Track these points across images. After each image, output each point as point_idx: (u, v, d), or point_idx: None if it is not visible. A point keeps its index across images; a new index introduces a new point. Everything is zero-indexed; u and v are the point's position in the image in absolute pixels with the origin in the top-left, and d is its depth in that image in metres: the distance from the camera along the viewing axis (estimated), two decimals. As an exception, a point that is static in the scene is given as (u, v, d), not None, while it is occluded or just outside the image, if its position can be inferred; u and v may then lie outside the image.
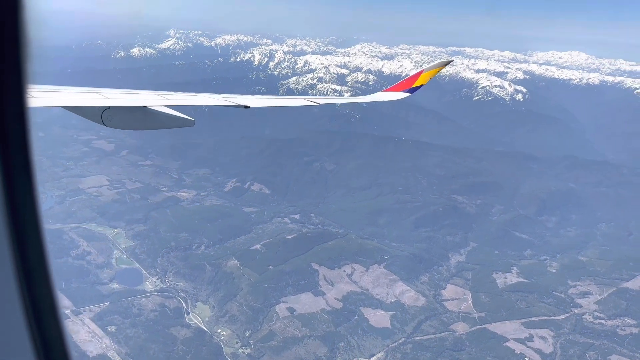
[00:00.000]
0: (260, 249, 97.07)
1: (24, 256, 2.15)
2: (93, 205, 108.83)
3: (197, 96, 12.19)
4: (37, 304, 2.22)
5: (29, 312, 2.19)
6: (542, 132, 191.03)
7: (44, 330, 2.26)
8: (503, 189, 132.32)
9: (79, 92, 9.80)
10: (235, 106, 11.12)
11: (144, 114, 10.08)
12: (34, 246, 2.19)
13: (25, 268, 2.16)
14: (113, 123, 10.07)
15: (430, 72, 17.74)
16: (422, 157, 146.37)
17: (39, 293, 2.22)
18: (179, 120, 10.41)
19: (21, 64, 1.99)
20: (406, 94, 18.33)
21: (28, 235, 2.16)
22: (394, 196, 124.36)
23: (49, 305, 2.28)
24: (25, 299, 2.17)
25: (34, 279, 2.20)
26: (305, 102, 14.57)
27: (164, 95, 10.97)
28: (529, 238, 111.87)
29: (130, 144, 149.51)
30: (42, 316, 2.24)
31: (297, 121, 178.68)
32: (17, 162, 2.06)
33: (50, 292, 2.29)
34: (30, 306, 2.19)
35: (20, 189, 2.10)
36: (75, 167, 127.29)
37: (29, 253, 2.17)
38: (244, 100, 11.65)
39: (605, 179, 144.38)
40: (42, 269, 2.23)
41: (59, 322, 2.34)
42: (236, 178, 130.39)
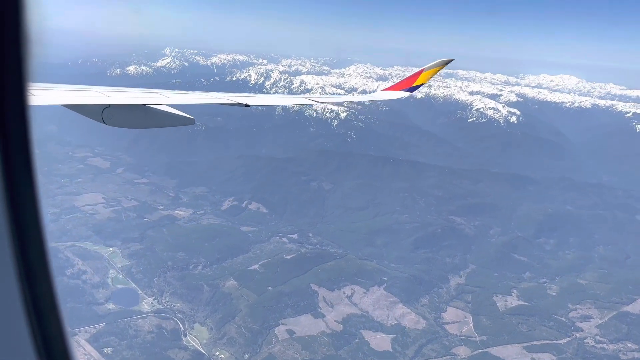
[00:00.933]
0: (259, 269, 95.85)
1: (25, 254, 2.15)
2: (88, 223, 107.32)
3: (198, 94, 12.18)
4: (38, 302, 2.22)
5: (29, 310, 2.19)
6: (537, 154, 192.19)
7: (44, 328, 2.25)
8: (500, 211, 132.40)
9: (79, 91, 9.71)
10: (235, 105, 11.15)
11: (144, 112, 9.96)
12: (35, 244, 2.20)
13: (26, 266, 2.16)
14: (113, 121, 9.92)
15: (431, 71, 17.50)
16: (419, 178, 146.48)
17: (39, 291, 2.22)
18: (179, 119, 10.25)
19: (22, 62, 1.98)
20: (406, 93, 18.14)
21: (29, 233, 2.17)
22: (392, 216, 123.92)
23: (50, 303, 2.27)
24: (26, 296, 2.17)
25: (34, 277, 2.20)
26: (306, 100, 14.40)
27: (164, 93, 10.88)
28: (527, 260, 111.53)
29: (126, 162, 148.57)
30: (43, 314, 2.23)
31: (294, 140, 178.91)
32: (18, 160, 2.06)
33: (51, 290, 2.28)
34: (31, 304, 2.19)
35: (21, 187, 2.11)
36: (71, 185, 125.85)
37: (30, 251, 2.17)
38: (244, 98, 11.68)
39: (600, 201, 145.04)
40: (42, 267, 2.23)
41: (59, 320, 2.33)
42: (233, 197, 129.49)
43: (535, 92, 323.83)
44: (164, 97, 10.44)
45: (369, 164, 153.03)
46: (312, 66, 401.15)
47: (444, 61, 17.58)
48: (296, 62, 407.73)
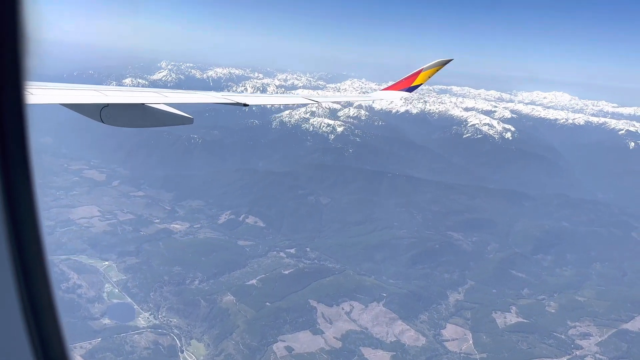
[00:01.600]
0: (257, 284, 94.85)
1: (22, 253, 2.14)
2: (84, 236, 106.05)
3: (197, 94, 12.05)
4: (35, 302, 2.20)
5: (27, 311, 2.18)
6: (533, 170, 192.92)
7: (42, 328, 2.24)
8: (497, 227, 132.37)
9: (77, 90, 9.60)
10: (234, 104, 11.05)
11: (142, 111, 9.89)
12: (32, 243, 2.19)
13: (23, 265, 2.15)
14: (112, 120, 9.85)
15: (430, 71, 17.19)
16: (416, 193, 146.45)
17: (36, 291, 2.21)
18: (178, 118, 10.22)
19: (20, 61, 1.97)
20: (405, 93, 17.78)
21: (26, 231, 2.17)
22: (389, 232, 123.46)
23: (47, 304, 2.26)
24: (24, 297, 2.16)
25: (31, 277, 2.19)
26: (305, 100, 14.21)
27: (162, 92, 10.81)
28: (525, 277, 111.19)
29: (122, 175, 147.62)
30: (40, 314, 2.23)
31: (290, 154, 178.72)
32: (15, 159, 2.07)
33: (48, 290, 2.27)
34: (28, 304, 2.18)
35: (18, 186, 2.12)
36: (66, 197, 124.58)
37: (27, 250, 2.17)
38: (243, 98, 11.67)
39: (597, 218, 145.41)
40: (40, 266, 2.22)
41: (56, 320, 2.31)
42: (230, 210, 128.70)
43: (529, 108, 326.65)
44: (162, 96, 10.39)
45: (366, 179, 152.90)
46: (307, 81, 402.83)
47: (443, 61, 17.31)
48: (292, 76, 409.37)
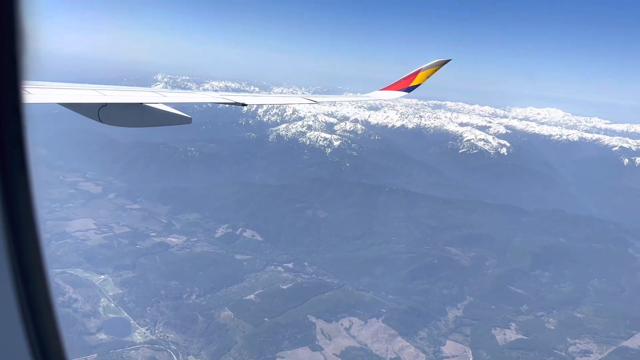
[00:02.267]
0: (255, 299, 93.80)
1: (20, 251, 2.14)
2: (79, 249, 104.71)
3: (195, 93, 12.05)
4: (33, 302, 2.20)
5: (24, 310, 2.18)
6: (528, 185, 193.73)
7: (39, 328, 2.24)
8: (495, 242, 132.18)
9: (75, 89, 9.53)
10: (232, 104, 10.96)
11: (141, 110, 9.86)
12: (30, 241, 2.18)
13: (21, 264, 2.14)
14: (110, 120, 9.79)
15: (428, 71, 17.07)
16: (413, 208, 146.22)
17: (34, 290, 2.20)
18: (176, 118, 10.19)
19: (17, 60, 1.96)
20: (403, 93, 17.68)
21: (24, 230, 2.15)
22: (387, 246, 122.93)
23: (45, 303, 2.26)
24: (21, 296, 2.16)
25: (29, 275, 2.18)
26: (304, 100, 13.96)
27: (161, 92, 10.73)
28: (524, 293, 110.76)
29: (118, 187, 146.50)
30: (37, 314, 2.23)
31: (287, 168, 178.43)
32: (13, 158, 2.07)
33: (46, 290, 2.26)
34: (26, 304, 2.18)
35: (16, 185, 2.11)
36: (61, 210, 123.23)
37: (25, 248, 2.16)
38: (241, 98, 11.56)
39: (593, 234, 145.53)
40: (37, 265, 2.21)
41: (54, 320, 2.31)
42: (227, 224, 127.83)
43: (524, 124, 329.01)
44: (161, 96, 10.31)
45: (363, 193, 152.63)
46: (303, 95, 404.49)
47: (441, 61, 17.09)
48: (288, 90, 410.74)
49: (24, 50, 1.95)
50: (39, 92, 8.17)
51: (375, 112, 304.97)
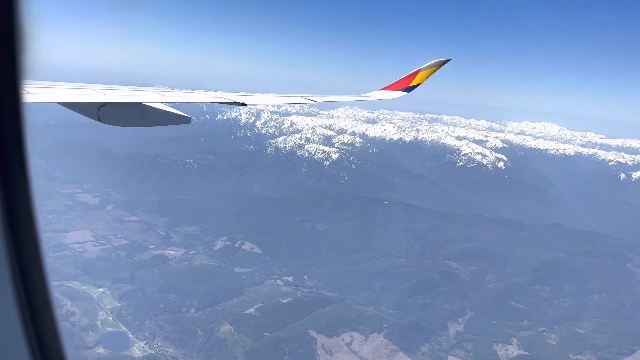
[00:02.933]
0: (255, 314, 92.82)
1: (19, 250, 2.14)
2: (77, 261, 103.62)
3: (195, 93, 11.91)
4: (32, 302, 2.21)
5: (24, 310, 2.18)
6: (526, 200, 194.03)
7: (38, 328, 2.25)
8: (495, 256, 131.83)
9: (75, 89, 9.49)
10: (232, 104, 10.98)
11: (140, 110, 9.91)
12: (29, 240, 2.18)
13: (20, 263, 2.15)
14: (109, 119, 9.84)
15: (428, 71, 16.85)
16: (412, 221, 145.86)
17: (34, 290, 2.21)
18: (176, 117, 10.28)
19: (17, 59, 1.96)
20: (403, 93, 17.46)
21: (23, 229, 2.15)
22: (387, 260, 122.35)
23: (44, 303, 2.26)
24: (20, 296, 2.16)
25: (28, 274, 2.19)
26: (302, 99, 13.88)
27: (160, 92, 10.68)
28: (525, 308, 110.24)
29: (115, 199, 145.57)
30: (37, 314, 2.23)
31: (286, 180, 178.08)
32: (12, 156, 2.06)
33: (45, 289, 2.26)
34: (25, 304, 2.18)
35: (15, 184, 2.10)
36: (59, 221, 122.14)
37: (24, 246, 2.16)
38: (241, 97, 11.61)
39: (592, 249, 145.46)
40: (36, 264, 2.21)
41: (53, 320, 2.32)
42: (226, 236, 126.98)
43: (520, 138, 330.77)
44: (160, 95, 10.25)
45: (362, 206, 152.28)
46: (300, 107, 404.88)
47: (441, 61, 16.88)
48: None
49: (24, 49, 1.95)
50: (38, 91, 8.11)
51: (373, 125, 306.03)
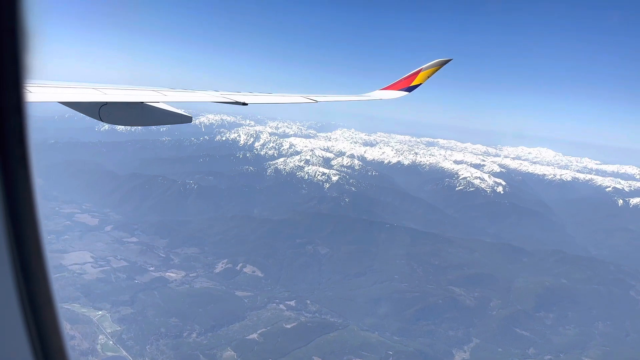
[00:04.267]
0: (258, 339, 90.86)
1: (21, 249, 2.15)
2: (76, 283, 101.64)
3: (196, 93, 11.68)
4: (34, 301, 2.21)
5: (26, 309, 2.19)
6: (526, 225, 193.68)
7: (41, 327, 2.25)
8: (498, 282, 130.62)
9: (76, 88, 9.45)
10: (233, 103, 10.88)
11: (141, 109, 9.98)
12: (31, 239, 2.18)
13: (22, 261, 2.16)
14: (110, 119, 9.90)
15: (429, 71, 16.58)
16: (414, 245, 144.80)
17: (36, 290, 2.21)
18: (177, 117, 10.30)
19: (19, 59, 1.97)
20: (403, 93, 17.17)
21: (25, 227, 2.15)
22: (391, 284, 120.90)
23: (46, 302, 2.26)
24: (23, 295, 2.17)
25: (30, 273, 2.19)
26: (303, 99, 13.56)
27: (161, 91, 10.64)
28: (530, 335, 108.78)
29: (114, 220, 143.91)
30: (39, 313, 2.23)
31: (286, 202, 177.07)
32: (15, 156, 2.07)
33: (47, 288, 2.26)
34: (27, 303, 2.19)
35: (17, 183, 2.10)
36: (57, 242, 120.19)
37: (26, 245, 2.17)
38: (241, 97, 11.51)
39: (594, 275, 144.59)
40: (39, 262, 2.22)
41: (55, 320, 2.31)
42: (227, 259, 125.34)
43: (517, 163, 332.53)
44: (161, 95, 10.21)
45: (364, 229, 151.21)
46: (298, 129, 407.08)
47: (442, 61, 16.55)
48: (283, 124, 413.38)
49: (26, 49, 1.96)
50: (40, 90, 8.09)
51: (371, 148, 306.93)
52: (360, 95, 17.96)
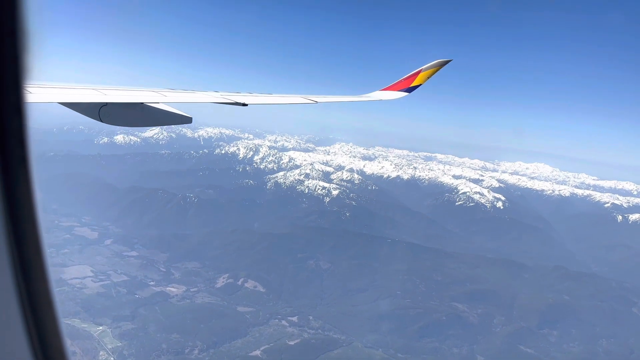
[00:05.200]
0: (261, 356, 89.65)
1: (21, 249, 2.15)
2: (77, 298, 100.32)
3: (196, 94, 11.68)
4: (34, 301, 2.21)
5: (25, 310, 2.19)
6: (526, 240, 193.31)
7: (40, 328, 2.25)
8: (501, 298, 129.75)
9: (76, 89, 9.49)
10: (233, 104, 10.87)
11: (141, 110, 9.95)
12: (31, 239, 2.19)
13: (22, 262, 2.16)
14: (110, 119, 9.93)
15: (429, 71, 16.36)
16: (416, 260, 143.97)
17: (35, 290, 2.21)
18: (177, 118, 10.25)
19: (19, 59, 1.98)
20: (403, 93, 16.93)
21: (25, 228, 2.16)
22: (393, 300, 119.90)
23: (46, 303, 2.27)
24: (22, 295, 2.17)
25: (30, 273, 2.20)
26: (303, 100, 13.45)
27: (161, 92, 10.70)
28: (534, 353, 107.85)
29: (114, 233, 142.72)
30: (39, 313, 2.24)
31: (287, 216, 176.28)
32: (14, 156, 2.08)
33: (47, 288, 2.27)
34: (27, 303, 2.19)
35: (17, 183, 2.12)
36: (57, 256, 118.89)
37: (26, 246, 2.17)
38: (241, 97, 11.52)
39: (597, 292, 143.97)
40: (38, 263, 2.22)
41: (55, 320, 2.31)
42: (228, 273, 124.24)
43: (515, 178, 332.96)
44: (161, 95, 10.27)
45: (365, 244, 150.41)
46: (297, 143, 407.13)
47: (442, 61, 16.36)
48: (281, 137, 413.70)
49: (26, 49, 1.97)
50: (40, 91, 8.10)
51: (370, 162, 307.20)
52: (360, 96, 17.76)
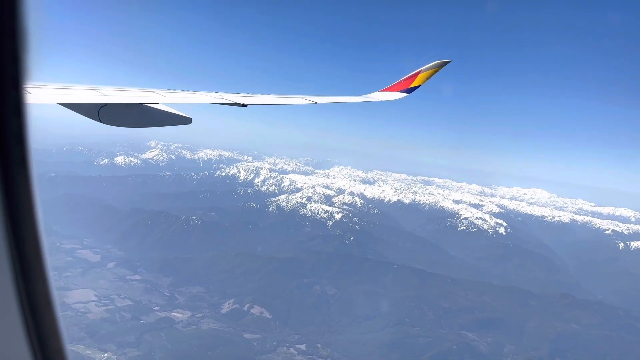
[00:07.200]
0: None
1: (20, 250, 2.16)
2: (81, 323, 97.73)
3: (195, 94, 11.63)
4: (34, 301, 2.22)
5: (25, 310, 2.19)
6: (530, 267, 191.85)
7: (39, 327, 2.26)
8: (510, 327, 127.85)
9: (75, 89, 9.51)
10: (232, 104, 10.81)
11: (141, 111, 9.93)
12: (31, 240, 2.20)
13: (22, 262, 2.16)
14: (110, 120, 9.87)
15: (428, 72, 16.21)
16: (423, 287, 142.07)
17: (35, 290, 2.22)
18: (177, 118, 10.26)
19: (18, 60, 1.98)
20: (403, 94, 16.74)
21: (24, 229, 2.18)
22: (402, 328, 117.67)
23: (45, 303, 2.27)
24: (22, 296, 2.18)
25: (30, 274, 2.20)
26: (303, 100, 13.25)
27: (161, 93, 10.74)
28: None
29: (117, 256, 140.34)
30: (38, 314, 2.24)
31: (290, 240, 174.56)
32: (14, 157, 2.08)
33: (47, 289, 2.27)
34: (26, 304, 2.19)
35: (17, 184, 2.12)
36: (59, 279, 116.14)
37: (25, 246, 2.18)
38: (241, 98, 11.48)
39: (605, 321, 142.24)
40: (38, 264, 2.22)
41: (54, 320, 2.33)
42: (233, 299, 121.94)
43: (515, 204, 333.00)
44: (161, 96, 10.30)
45: (371, 269, 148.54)
46: (296, 165, 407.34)
47: (441, 62, 16.08)
48: (280, 160, 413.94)
49: (25, 50, 1.97)
50: (39, 91, 8.10)
51: (371, 186, 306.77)
52: (359, 97, 17.27)
